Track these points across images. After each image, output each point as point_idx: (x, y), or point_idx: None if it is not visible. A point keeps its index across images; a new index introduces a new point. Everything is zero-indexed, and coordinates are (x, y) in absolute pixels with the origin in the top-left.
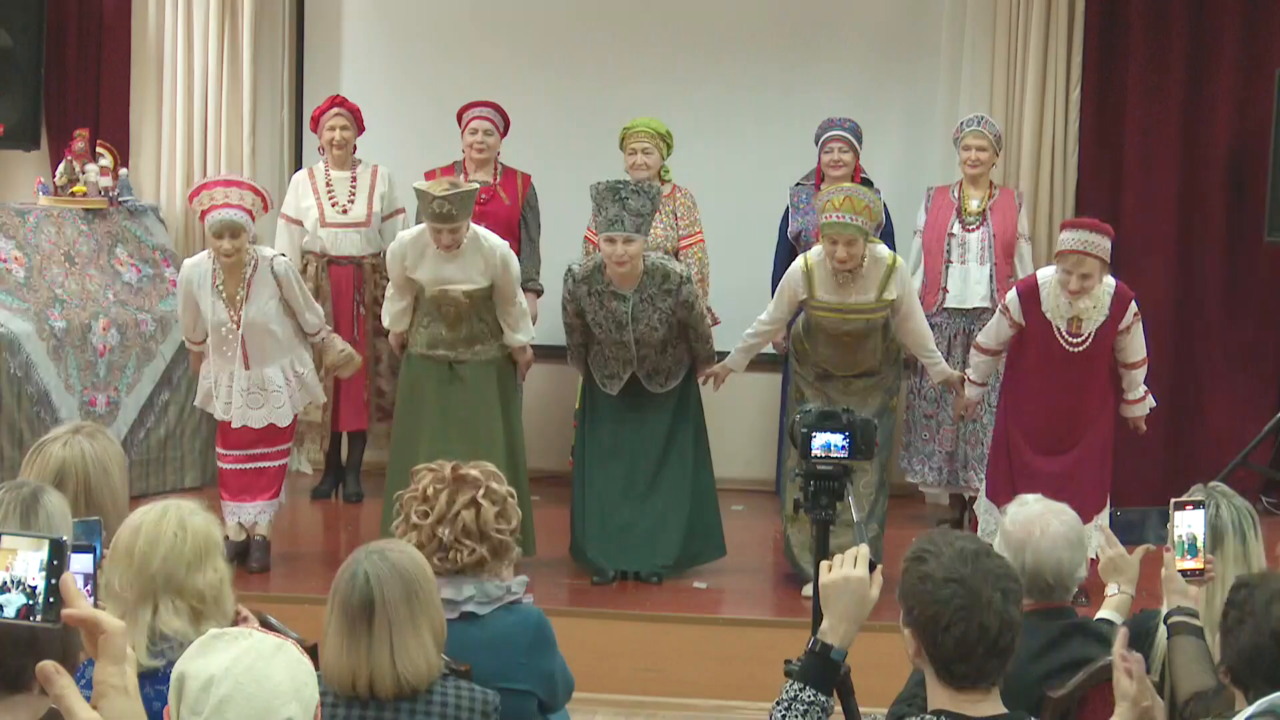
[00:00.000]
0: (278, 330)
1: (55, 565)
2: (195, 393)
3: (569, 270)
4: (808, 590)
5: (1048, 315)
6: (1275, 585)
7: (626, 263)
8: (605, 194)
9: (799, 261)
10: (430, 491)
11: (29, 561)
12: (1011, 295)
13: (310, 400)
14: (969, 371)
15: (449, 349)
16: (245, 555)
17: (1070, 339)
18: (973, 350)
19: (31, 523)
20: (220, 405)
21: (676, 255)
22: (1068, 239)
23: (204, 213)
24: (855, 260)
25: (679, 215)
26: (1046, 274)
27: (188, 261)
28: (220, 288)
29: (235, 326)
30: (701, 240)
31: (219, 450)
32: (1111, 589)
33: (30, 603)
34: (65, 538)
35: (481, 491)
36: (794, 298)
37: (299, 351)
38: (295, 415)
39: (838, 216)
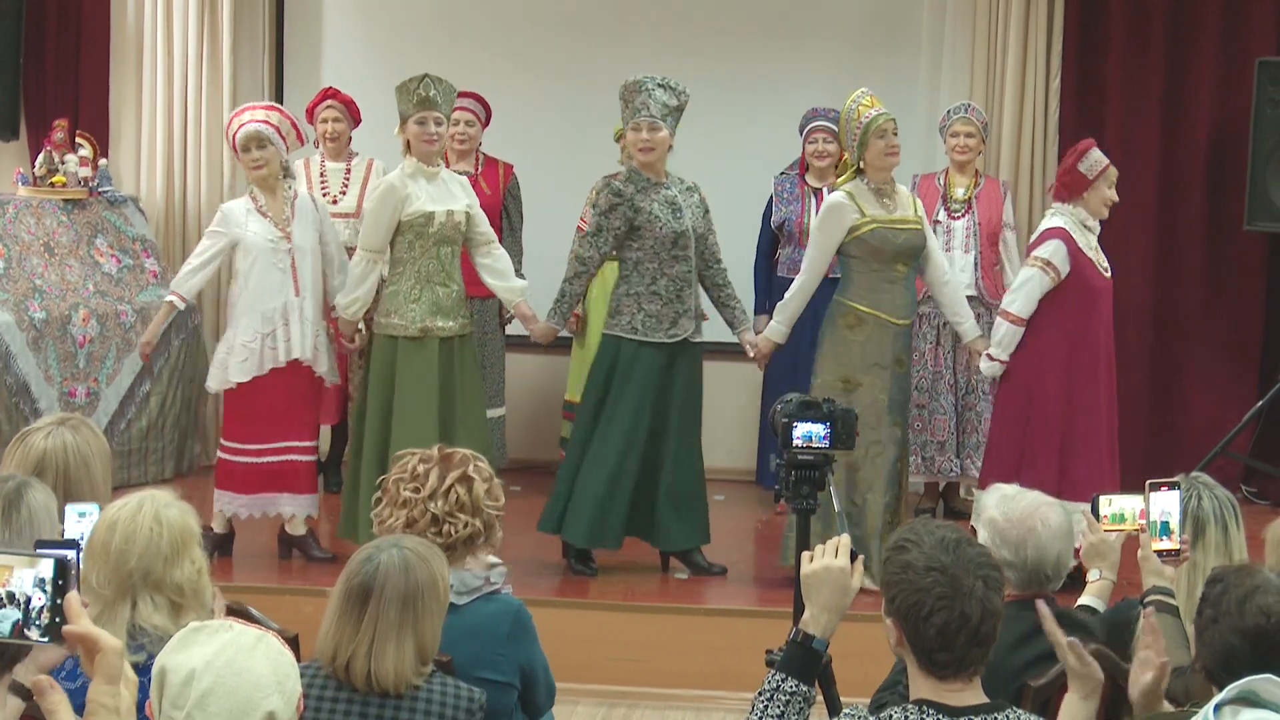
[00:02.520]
0: (316, 276)
1: (60, 585)
2: (174, 383)
3: (608, 182)
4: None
5: (1084, 250)
6: (1249, 583)
7: (653, 149)
8: (633, 87)
9: (835, 196)
10: (420, 470)
11: (24, 578)
12: (1053, 246)
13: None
14: (992, 350)
15: (449, 318)
16: (228, 546)
17: (1101, 268)
18: (1005, 324)
19: (12, 520)
20: (281, 348)
21: None
22: (1101, 156)
23: (234, 135)
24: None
25: None
26: (1060, 219)
27: (224, 205)
28: (264, 209)
29: (286, 240)
30: None
31: (235, 444)
32: (1093, 574)
33: (22, 619)
34: (70, 555)
35: (471, 467)
36: (839, 231)
37: (322, 323)
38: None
39: (881, 108)
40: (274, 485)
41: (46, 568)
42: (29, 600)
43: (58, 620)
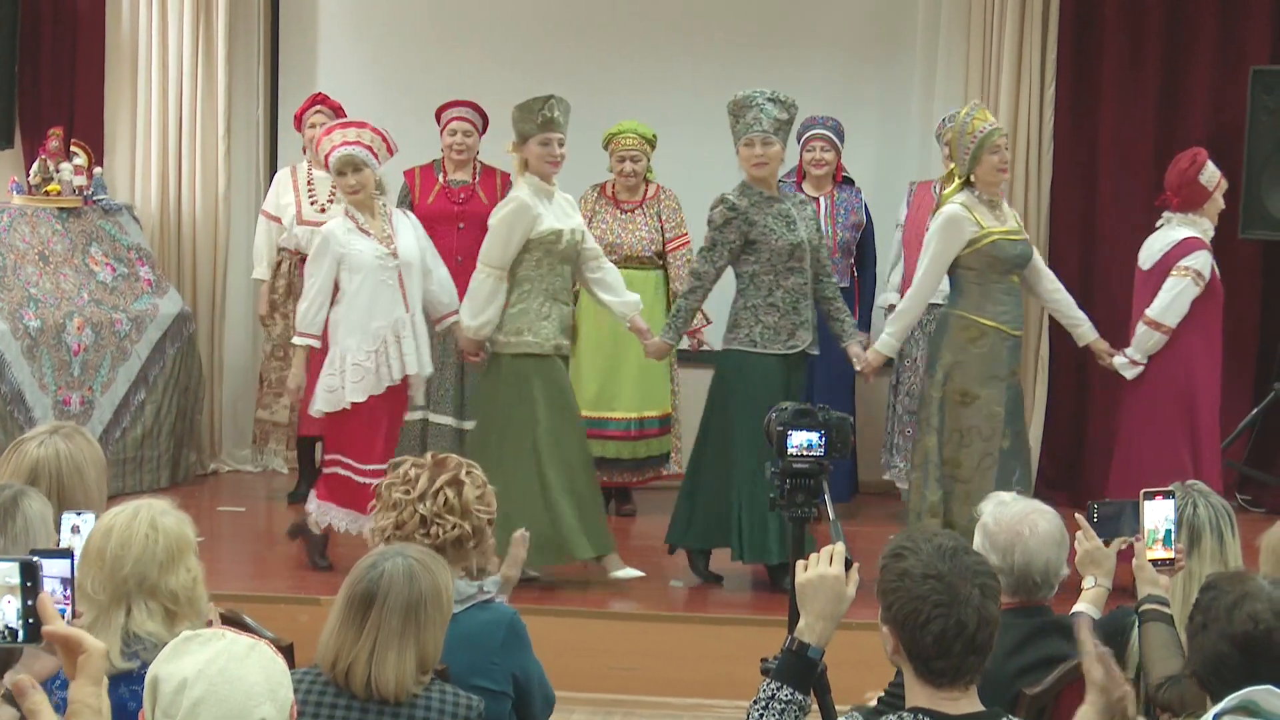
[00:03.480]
0: (421, 290)
1: (29, 586)
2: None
3: (723, 199)
4: None
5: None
6: (1239, 590)
7: (766, 163)
8: (743, 102)
9: (953, 209)
10: (412, 474)
11: None
12: (1202, 257)
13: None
14: (1133, 353)
15: (568, 336)
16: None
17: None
18: (1154, 333)
19: (7, 529)
20: (394, 365)
21: (663, 257)
22: (1215, 168)
23: (327, 156)
24: None
25: (664, 217)
26: (1189, 229)
27: (323, 228)
28: (365, 227)
29: (393, 257)
30: (688, 242)
31: (353, 463)
32: (1088, 581)
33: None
34: (36, 558)
35: (464, 471)
36: (959, 243)
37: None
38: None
39: (994, 121)
40: (364, 503)
41: (11, 572)
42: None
43: (32, 621)
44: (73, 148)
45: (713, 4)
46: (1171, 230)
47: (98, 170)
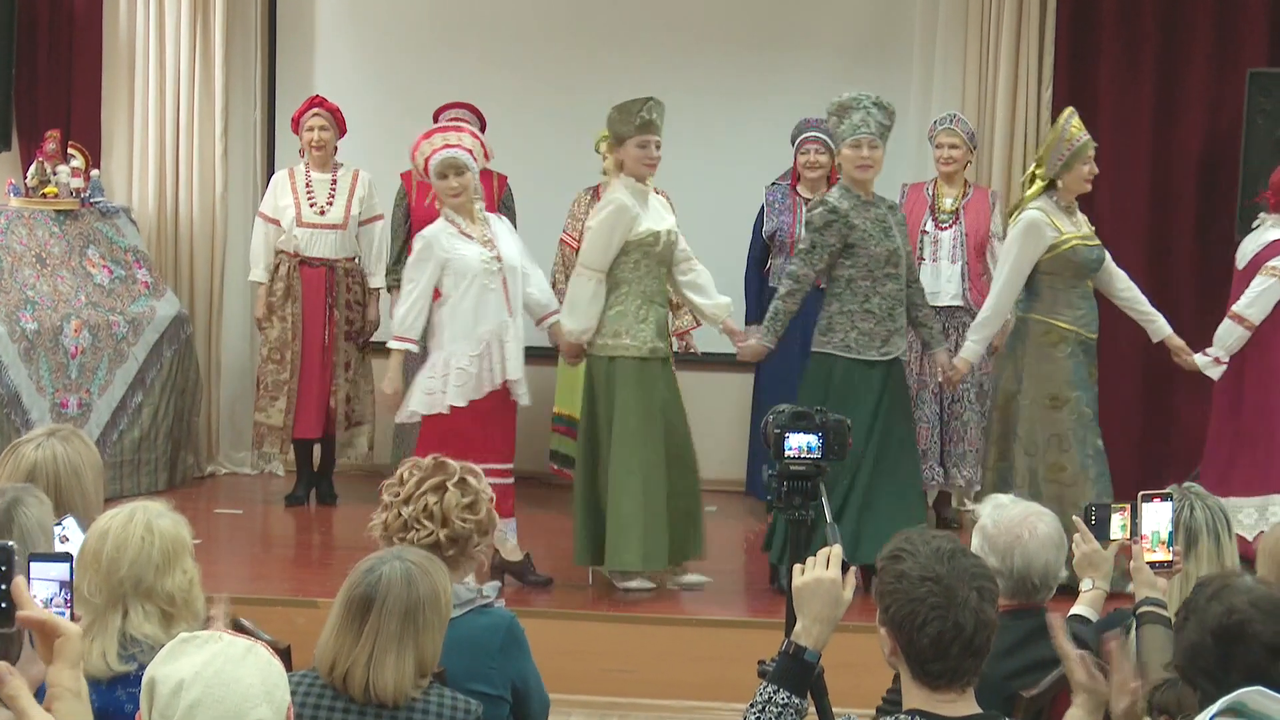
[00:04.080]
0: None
1: (4, 571)
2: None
3: (823, 200)
4: None
5: None
6: (1219, 583)
7: (870, 166)
8: (848, 104)
9: (1032, 214)
10: (406, 475)
11: None
12: None
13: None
14: (1217, 351)
15: (665, 338)
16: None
17: None
18: (1238, 328)
19: (4, 536)
20: (496, 370)
21: None
22: None
23: (428, 159)
24: None
25: None
26: (1276, 230)
27: (424, 232)
28: (467, 231)
29: (497, 261)
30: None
31: (493, 465)
32: (1086, 584)
33: None
34: (11, 543)
35: (454, 480)
36: (1039, 248)
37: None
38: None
39: (1086, 133)
40: (501, 506)
41: None
42: None
43: (5, 606)
44: (70, 150)
45: (710, 6)
46: (1265, 231)
47: (95, 173)
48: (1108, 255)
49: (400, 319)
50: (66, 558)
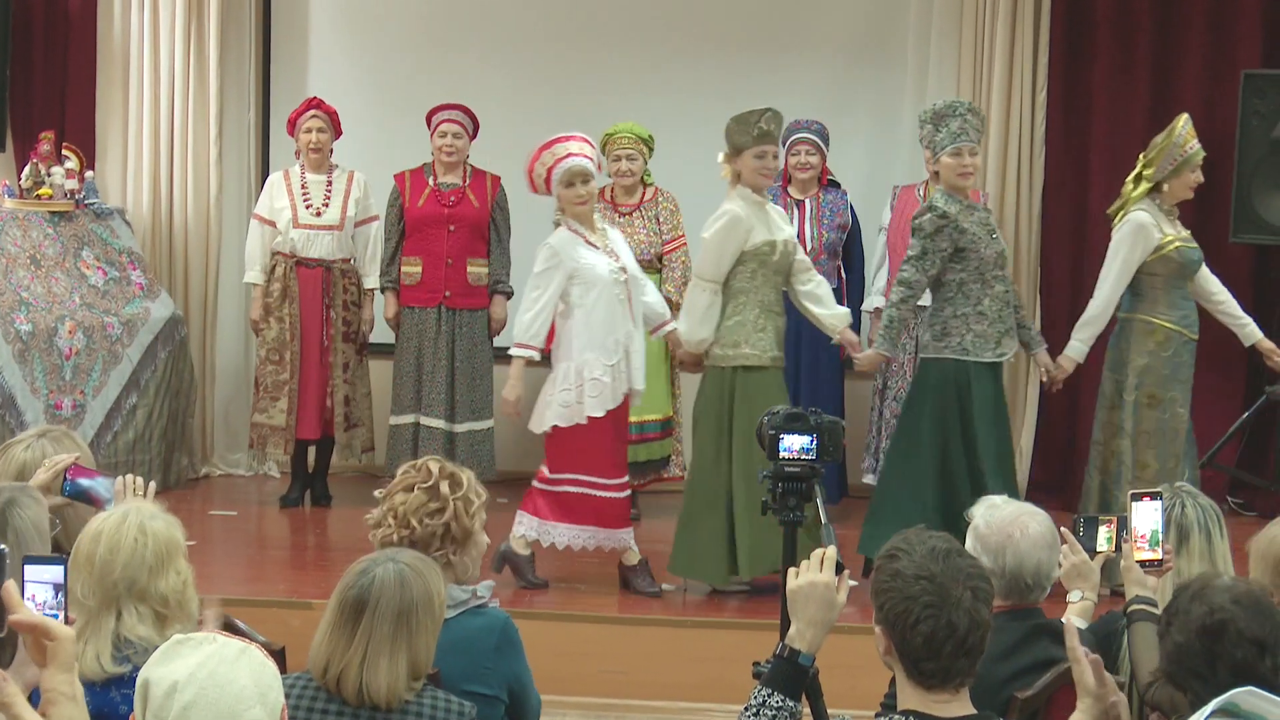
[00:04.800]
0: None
1: None
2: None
3: (931, 206)
4: None
5: None
6: (1199, 584)
7: (973, 174)
8: (945, 111)
9: (1140, 216)
10: (399, 474)
11: None
12: None
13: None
14: None
15: (782, 349)
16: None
17: None
18: None
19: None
20: (622, 380)
21: (660, 260)
22: None
23: (550, 168)
24: None
25: (661, 220)
26: None
27: (551, 241)
28: (593, 241)
29: (623, 272)
30: (685, 244)
31: (594, 479)
32: (1074, 595)
33: None
34: (4, 547)
35: (427, 484)
36: (1147, 249)
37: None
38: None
39: (1197, 141)
40: (610, 518)
41: None
42: None
43: None
44: (64, 151)
45: (705, 7)
46: None
47: (89, 174)
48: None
49: (525, 326)
50: (60, 560)
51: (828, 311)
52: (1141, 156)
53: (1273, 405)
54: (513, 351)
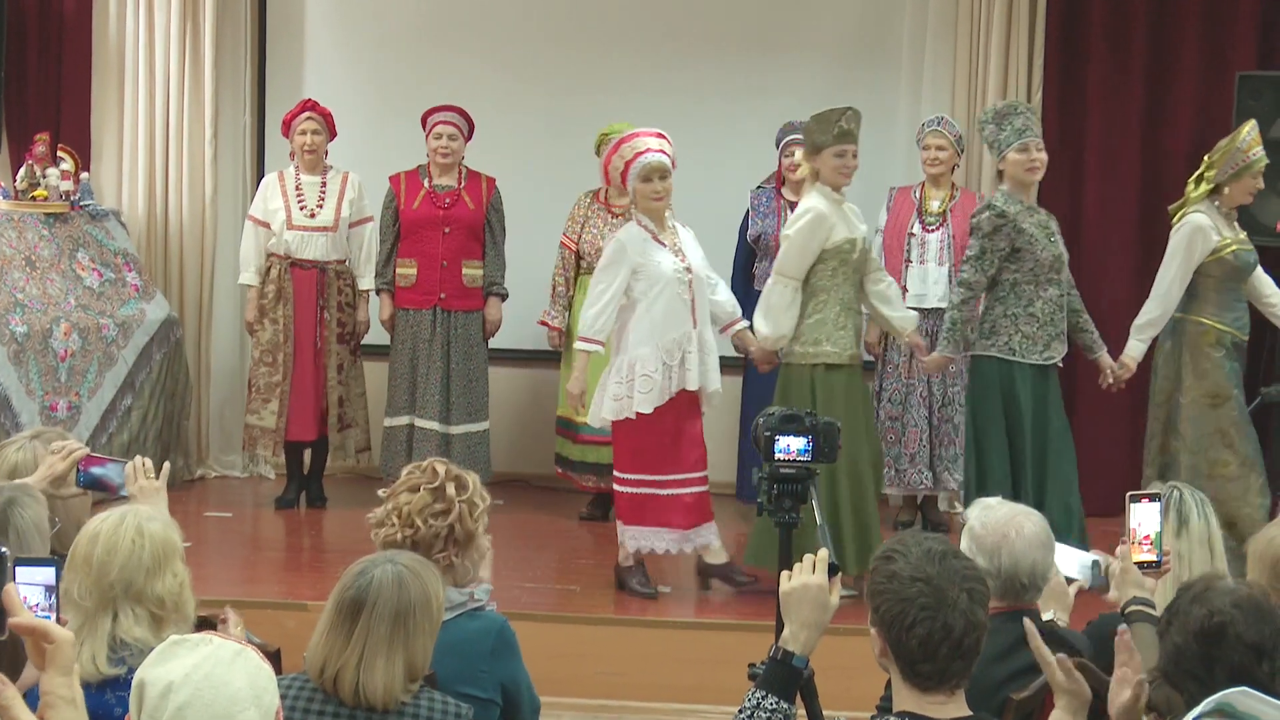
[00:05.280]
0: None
1: None
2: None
3: (989, 205)
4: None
5: None
6: (1200, 586)
7: (1040, 169)
8: (1005, 110)
9: (1198, 219)
10: (404, 474)
11: None
12: None
13: None
14: None
15: (859, 346)
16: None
17: None
18: None
19: (0, 537)
20: (675, 378)
21: None
22: None
23: (629, 162)
24: None
25: None
26: None
27: (619, 235)
28: (661, 239)
29: (688, 271)
30: None
31: (653, 476)
32: (1047, 614)
33: None
34: (5, 550)
35: (433, 485)
36: (1204, 252)
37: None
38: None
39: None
40: (692, 517)
41: None
42: None
43: None
44: (59, 153)
45: (701, 8)
46: None
47: (84, 175)
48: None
49: (590, 321)
50: (52, 562)
51: (897, 313)
52: (1206, 158)
53: (1269, 406)
54: (577, 345)
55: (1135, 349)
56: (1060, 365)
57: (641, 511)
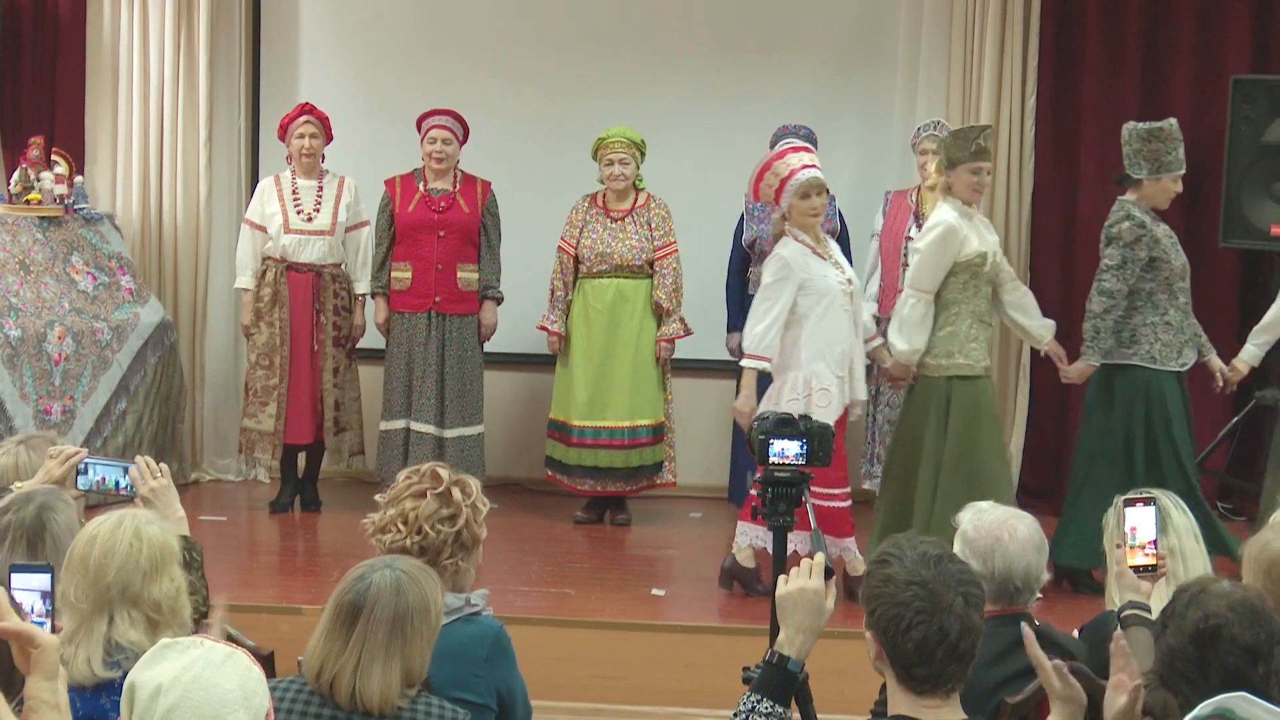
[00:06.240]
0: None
1: None
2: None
3: (1128, 215)
4: None
5: None
6: (1195, 589)
7: (1173, 197)
8: (1159, 134)
9: None
10: (402, 479)
11: None
12: None
13: None
14: None
15: (989, 358)
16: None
17: None
18: None
19: (38, 551)
20: (846, 389)
21: (652, 266)
22: None
23: (784, 180)
24: None
25: (653, 226)
26: None
27: (781, 252)
28: (821, 253)
29: (849, 283)
30: (676, 250)
31: (820, 489)
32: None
33: None
34: None
35: (439, 490)
36: None
37: None
38: None
39: None
40: (841, 527)
41: None
42: None
43: None
44: (54, 156)
45: (695, 12)
46: None
47: (79, 179)
48: None
49: (758, 338)
50: (47, 568)
51: (1035, 322)
52: None
53: (1262, 410)
54: (744, 363)
55: (1249, 353)
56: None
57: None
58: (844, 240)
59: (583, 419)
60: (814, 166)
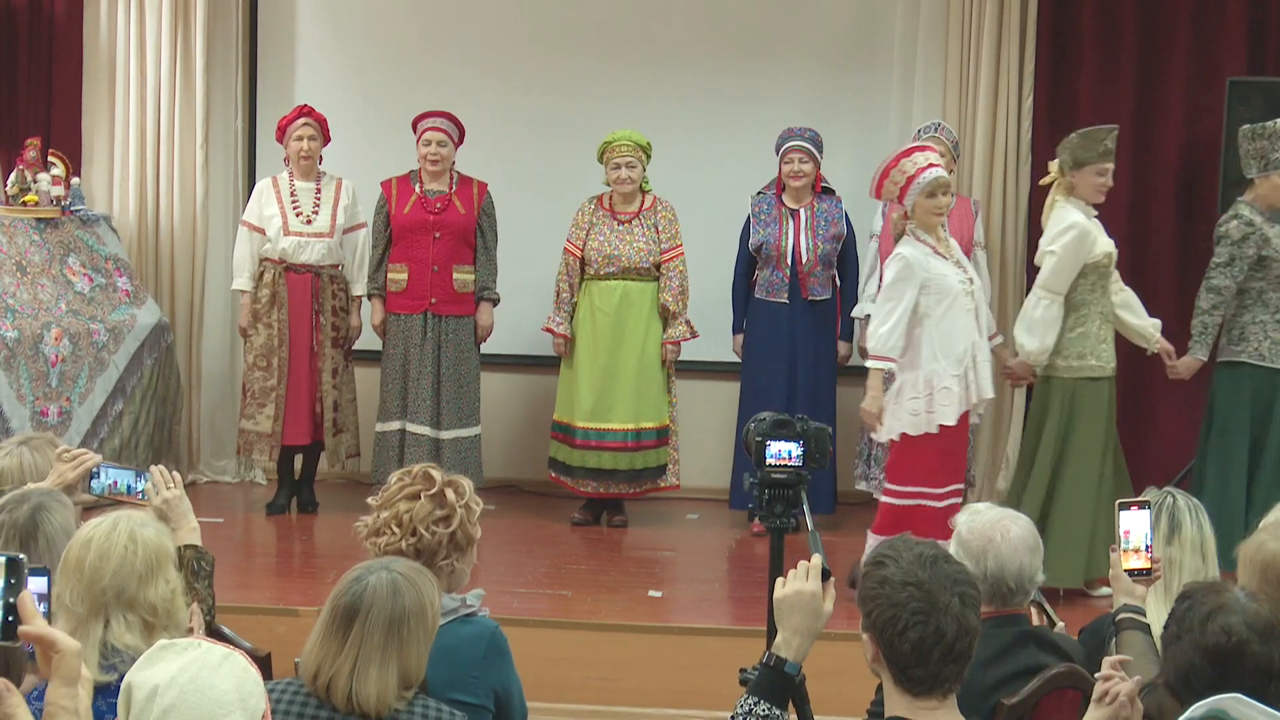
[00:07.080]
0: None
1: (13, 584)
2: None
3: (1237, 214)
4: None
5: None
6: (1214, 601)
7: None
8: (1276, 133)
9: None
10: (394, 481)
11: None
12: None
13: None
14: None
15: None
16: None
17: None
18: None
19: (30, 551)
20: (972, 389)
21: (658, 268)
22: None
23: (911, 178)
24: None
25: (660, 228)
26: None
27: (903, 251)
28: (942, 253)
29: (970, 282)
30: (682, 253)
31: (931, 490)
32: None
33: None
34: (22, 556)
35: (432, 491)
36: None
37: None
38: None
39: None
40: (940, 528)
41: (1, 568)
42: None
43: (11, 620)
44: (50, 158)
45: (693, 14)
46: None
47: (75, 180)
48: None
49: (882, 338)
50: (44, 571)
51: (1142, 321)
52: None
53: None
54: (869, 364)
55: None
56: None
57: (908, 522)
58: (849, 241)
59: (587, 421)
60: (939, 166)
